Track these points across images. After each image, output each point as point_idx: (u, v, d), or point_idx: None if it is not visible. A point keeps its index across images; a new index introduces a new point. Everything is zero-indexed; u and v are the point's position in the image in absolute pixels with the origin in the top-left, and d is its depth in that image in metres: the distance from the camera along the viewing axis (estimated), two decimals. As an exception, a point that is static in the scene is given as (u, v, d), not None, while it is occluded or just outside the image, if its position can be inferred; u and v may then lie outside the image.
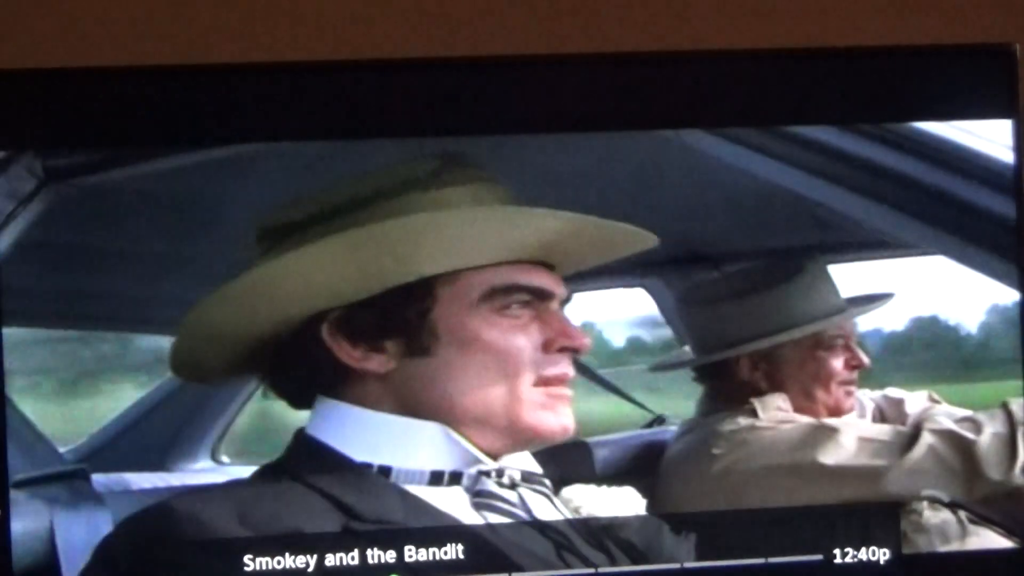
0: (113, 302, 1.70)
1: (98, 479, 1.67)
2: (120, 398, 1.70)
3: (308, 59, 1.77)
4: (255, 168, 1.70)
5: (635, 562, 1.71)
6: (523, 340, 1.56)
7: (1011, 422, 1.85)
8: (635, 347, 1.81)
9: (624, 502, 1.75)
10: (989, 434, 1.85)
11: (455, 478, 1.57)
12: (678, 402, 1.88)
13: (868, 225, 1.81)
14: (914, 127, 1.80)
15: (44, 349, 1.68)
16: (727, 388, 1.87)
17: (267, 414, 1.70)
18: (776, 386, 1.87)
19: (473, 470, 1.60)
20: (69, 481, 1.65)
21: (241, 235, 1.66)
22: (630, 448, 1.85)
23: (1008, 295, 1.85)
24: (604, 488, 1.74)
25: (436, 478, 1.57)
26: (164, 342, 1.66)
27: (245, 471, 1.69)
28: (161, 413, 1.73)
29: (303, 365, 1.55)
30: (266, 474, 1.58)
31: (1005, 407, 1.87)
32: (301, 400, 1.59)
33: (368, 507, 1.52)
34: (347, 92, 1.73)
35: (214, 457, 1.79)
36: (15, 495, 1.63)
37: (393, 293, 1.52)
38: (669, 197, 1.77)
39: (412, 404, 1.55)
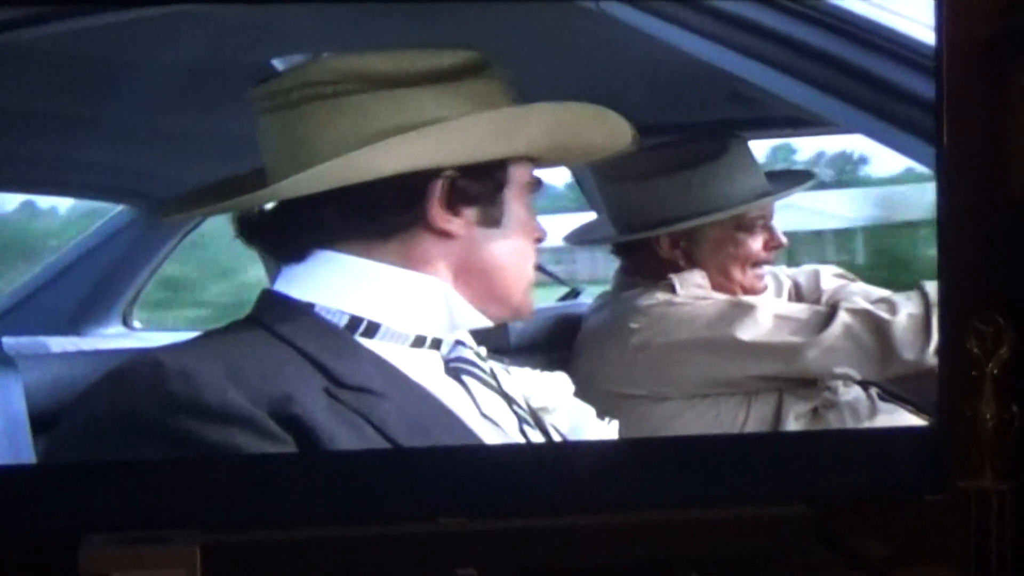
0: (21, 164, 1.67)
1: (8, 342, 1.66)
2: (29, 261, 1.68)
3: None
4: (172, 31, 1.67)
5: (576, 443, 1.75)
6: (533, 228, 1.66)
7: (926, 304, 1.87)
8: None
9: (555, 386, 1.76)
10: (904, 315, 1.87)
11: (436, 344, 1.61)
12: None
13: (787, 101, 1.81)
14: (835, 3, 1.79)
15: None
16: (645, 264, 1.88)
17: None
18: (694, 264, 1.87)
19: (453, 337, 1.63)
20: (-22, 344, 1.64)
21: (153, 98, 1.64)
22: (545, 321, 1.86)
23: (924, 175, 1.86)
24: (537, 372, 1.75)
25: (419, 341, 1.59)
26: (73, 204, 1.64)
27: (157, 337, 1.68)
28: (71, 277, 1.71)
29: (381, 208, 1.56)
30: (240, 331, 1.57)
31: (920, 289, 1.88)
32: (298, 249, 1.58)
33: (347, 371, 1.54)
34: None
35: (125, 322, 1.78)
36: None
37: (491, 164, 1.60)
38: (589, 68, 1.76)
39: (464, 269, 1.60)
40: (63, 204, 1.72)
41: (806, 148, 1.90)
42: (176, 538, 1.64)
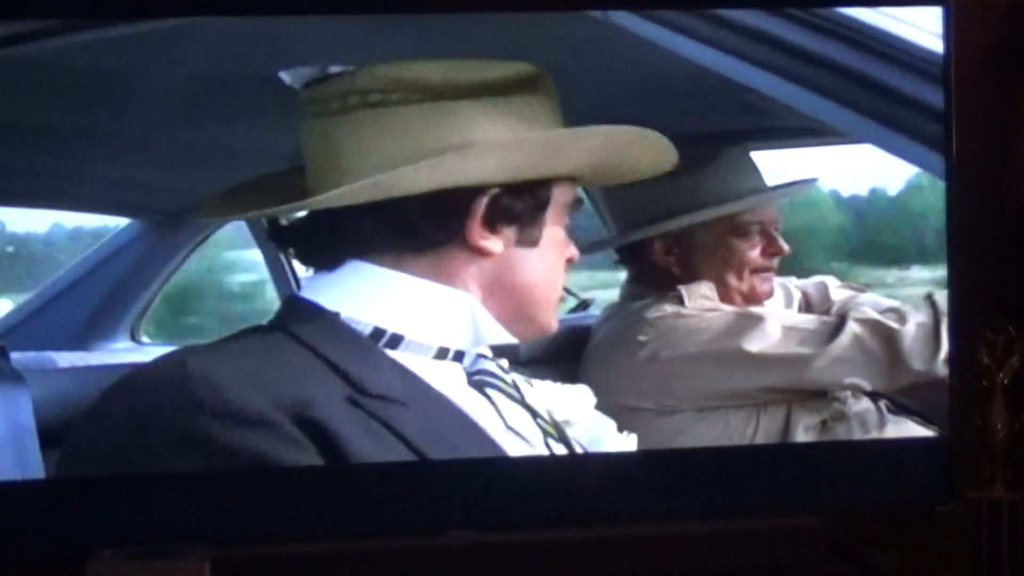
0: (29, 178, 1.68)
1: (16, 357, 1.66)
2: (37, 276, 1.68)
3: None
4: (181, 43, 1.67)
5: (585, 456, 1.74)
6: (566, 248, 1.66)
7: (935, 313, 1.87)
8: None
9: (577, 399, 1.76)
10: (913, 324, 1.87)
11: (459, 356, 1.60)
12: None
13: (797, 111, 1.81)
14: (844, 13, 1.79)
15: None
16: (646, 273, 1.88)
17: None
18: (690, 271, 1.87)
19: (475, 350, 1.63)
20: (-13, 358, 1.64)
21: (161, 111, 1.63)
22: (554, 333, 1.84)
23: (934, 184, 1.86)
24: (559, 384, 1.75)
25: (442, 353, 1.58)
26: (81, 218, 1.64)
27: (165, 351, 1.68)
28: (78, 292, 1.71)
29: (419, 224, 1.54)
30: (262, 336, 1.56)
31: (929, 298, 1.88)
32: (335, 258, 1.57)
33: (370, 379, 1.53)
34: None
35: (133, 337, 1.78)
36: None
37: (535, 183, 1.59)
38: (597, 79, 1.76)
39: (496, 286, 1.59)
40: (70, 218, 1.71)
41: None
42: (186, 552, 1.63)
